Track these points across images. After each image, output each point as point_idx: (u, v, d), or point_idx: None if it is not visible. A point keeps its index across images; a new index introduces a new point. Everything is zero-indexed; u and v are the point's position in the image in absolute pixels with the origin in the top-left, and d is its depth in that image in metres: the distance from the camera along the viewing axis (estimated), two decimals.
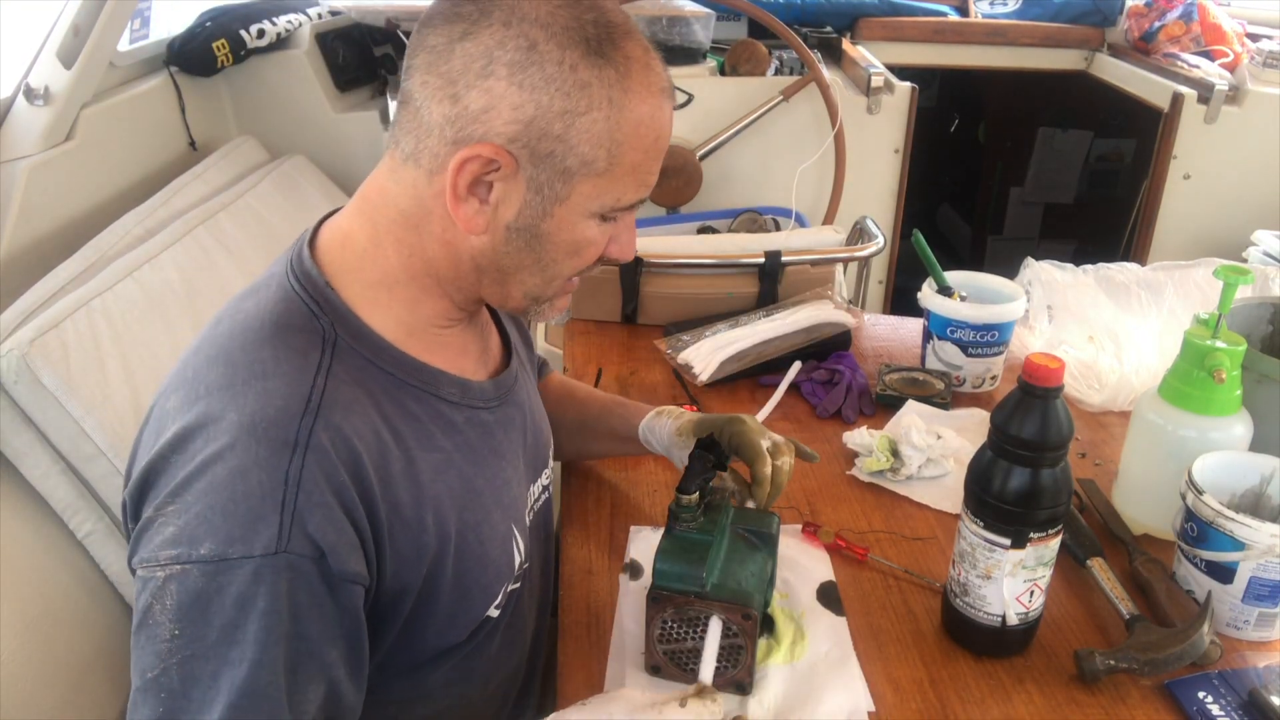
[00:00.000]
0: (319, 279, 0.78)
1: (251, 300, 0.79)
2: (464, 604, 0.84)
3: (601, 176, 0.75)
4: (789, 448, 1.01)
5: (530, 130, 0.72)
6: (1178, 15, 2.48)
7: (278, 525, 0.67)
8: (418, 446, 0.79)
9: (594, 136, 0.73)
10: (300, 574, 0.68)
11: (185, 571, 0.67)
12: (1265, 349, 1.17)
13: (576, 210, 0.77)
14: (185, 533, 0.67)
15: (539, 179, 0.74)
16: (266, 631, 0.67)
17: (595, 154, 0.73)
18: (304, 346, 0.74)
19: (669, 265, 1.60)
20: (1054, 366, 0.82)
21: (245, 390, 0.71)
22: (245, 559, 0.66)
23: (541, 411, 1.03)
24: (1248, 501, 1.00)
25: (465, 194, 0.74)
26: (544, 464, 1.01)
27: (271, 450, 0.68)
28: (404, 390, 0.79)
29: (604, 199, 0.77)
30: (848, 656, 0.91)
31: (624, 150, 0.74)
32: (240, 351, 0.73)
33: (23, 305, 1.27)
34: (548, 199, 0.75)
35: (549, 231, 0.77)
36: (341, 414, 0.72)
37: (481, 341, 0.91)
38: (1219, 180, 2.33)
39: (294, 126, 2.22)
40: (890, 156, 2.33)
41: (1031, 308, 1.48)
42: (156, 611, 0.67)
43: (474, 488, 0.84)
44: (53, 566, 1.18)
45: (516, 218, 0.76)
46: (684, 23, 2.22)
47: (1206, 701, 0.86)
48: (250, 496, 0.67)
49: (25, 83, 1.52)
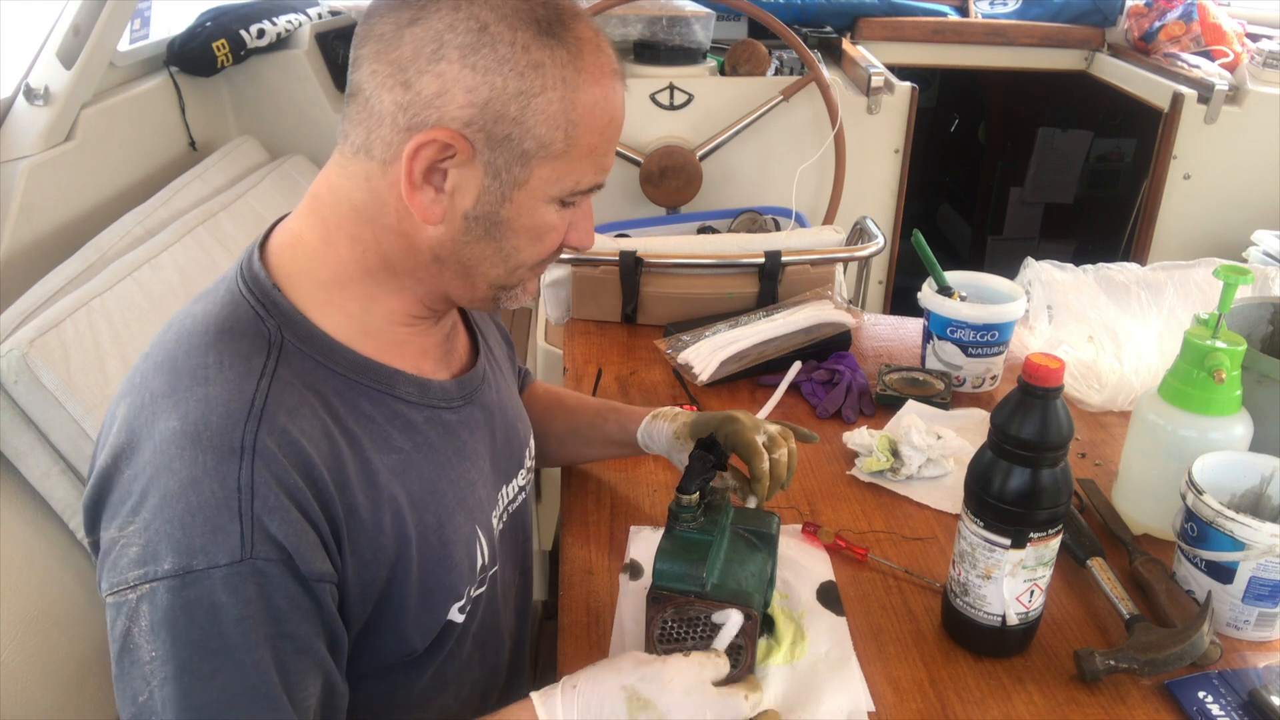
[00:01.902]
0: (266, 282, 0.77)
1: (200, 305, 0.77)
2: (427, 605, 0.82)
3: (559, 159, 0.74)
4: (786, 437, 1.00)
5: (486, 113, 0.71)
6: (1178, 15, 2.48)
7: (238, 533, 0.66)
8: (373, 448, 0.77)
9: (550, 117, 0.72)
10: (270, 578, 0.67)
11: (153, 589, 0.66)
12: (1265, 349, 1.17)
13: (536, 195, 0.75)
14: (148, 551, 0.66)
15: (496, 163, 0.73)
16: (244, 637, 0.66)
17: (552, 135, 0.73)
18: (247, 351, 0.73)
19: (669, 265, 1.60)
20: (1054, 366, 0.82)
21: (188, 397, 0.70)
22: (211, 569, 0.66)
23: (518, 412, 1.02)
24: (1248, 501, 1.00)
25: (421, 182, 0.73)
26: (518, 465, 0.99)
27: (218, 458, 0.67)
28: (356, 391, 0.78)
29: (563, 182, 0.76)
30: (848, 656, 0.91)
31: (580, 131, 0.74)
32: (185, 357, 0.72)
33: (23, 305, 1.27)
34: (506, 184, 0.74)
35: (509, 218, 0.76)
36: (287, 417, 0.70)
37: (445, 342, 0.90)
38: (1219, 180, 2.33)
39: (294, 126, 2.22)
40: (890, 156, 2.33)
41: (1031, 308, 1.48)
42: (135, 634, 0.66)
43: (436, 489, 0.82)
44: (53, 566, 1.18)
45: (475, 205, 0.75)
46: (684, 22, 2.22)
47: (1206, 701, 0.86)
48: (205, 507, 0.66)
49: (25, 83, 1.52)
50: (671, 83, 2.21)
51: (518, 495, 0.99)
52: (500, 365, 1.00)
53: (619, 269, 1.58)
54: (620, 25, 2.21)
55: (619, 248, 1.60)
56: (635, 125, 2.22)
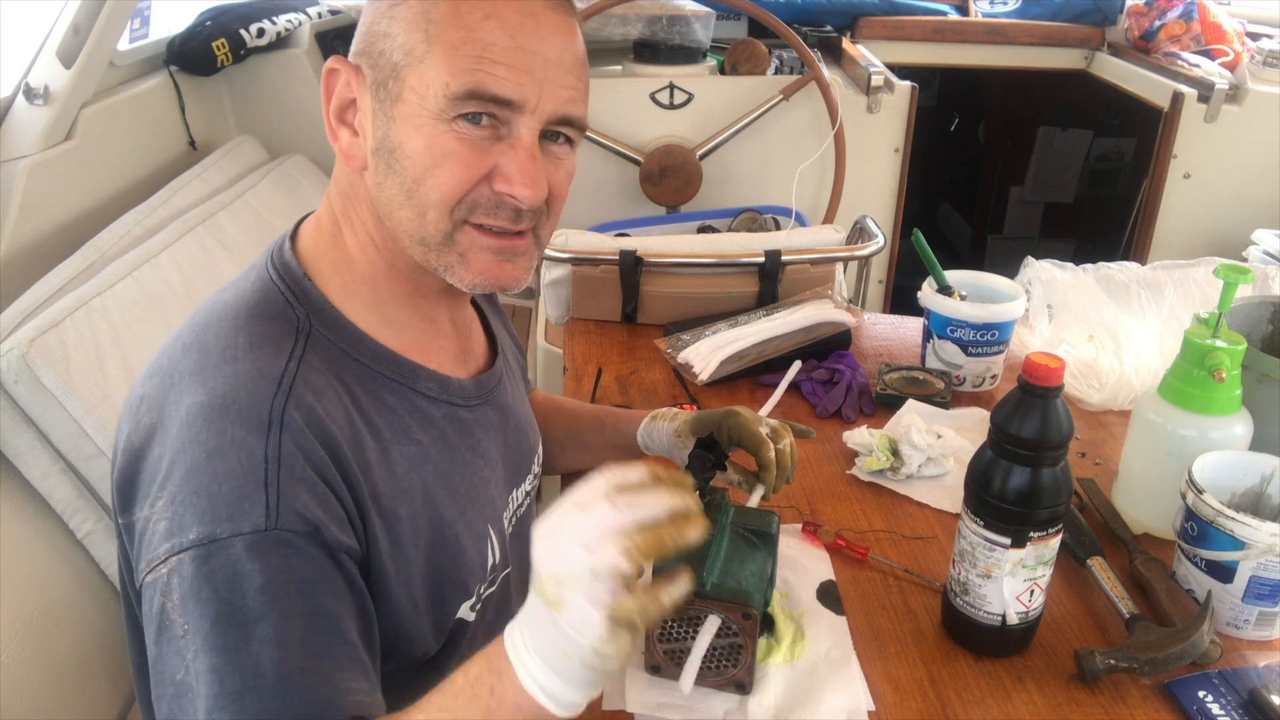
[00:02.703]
0: (297, 270, 0.78)
1: (231, 291, 0.79)
2: (438, 599, 0.82)
3: (423, 62, 0.72)
4: (786, 430, 1.01)
5: (367, 36, 0.75)
6: (1178, 14, 2.48)
7: (264, 503, 0.66)
8: (393, 439, 0.78)
9: (409, 21, 0.72)
10: (297, 549, 0.66)
11: (180, 561, 0.65)
12: (1265, 348, 1.17)
13: (414, 110, 0.72)
14: (174, 523, 0.66)
15: (377, 81, 0.74)
16: (269, 607, 0.64)
17: (412, 39, 0.72)
18: (277, 334, 0.74)
19: (669, 264, 1.60)
20: (1054, 366, 0.82)
21: (215, 374, 0.70)
22: (235, 536, 0.65)
23: (529, 419, 1.02)
24: (1248, 501, 1.00)
25: (338, 124, 0.77)
26: (528, 470, 0.99)
27: (246, 430, 0.67)
28: (379, 382, 0.79)
29: (433, 87, 0.71)
30: (848, 656, 0.91)
31: (442, 29, 0.71)
32: (214, 338, 0.73)
33: (22, 305, 1.27)
34: (385, 102, 0.74)
35: (398, 141, 0.73)
36: (314, 396, 0.71)
37: (462, 340, 0.90)
38: (1219, 179, 2.33)
39: (294, 126, 2.22)
40: (890, 156, 2.33)
41: (1031, 307, 1.48)
42: (169, 610, 0.65)
43: (450, 484, 0.83)
44: (53, 566, 1.18)
45: (373, 136, 0.75)
46: (684, 21, 2.22)
47: (1206, 701, 0.86)
48: (232, 476, 0.66)
49: (25, 82, 1.52)
50: (671, 82, 2.21)
51: (525, 500, 0.99)
52: (514, 370, 1.01)
53: (619, 268, 1.58)
54: (620, 24, 2.21)
55: (619, 247, 1.60)
56: (635, 124, 2.22)
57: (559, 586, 0.60)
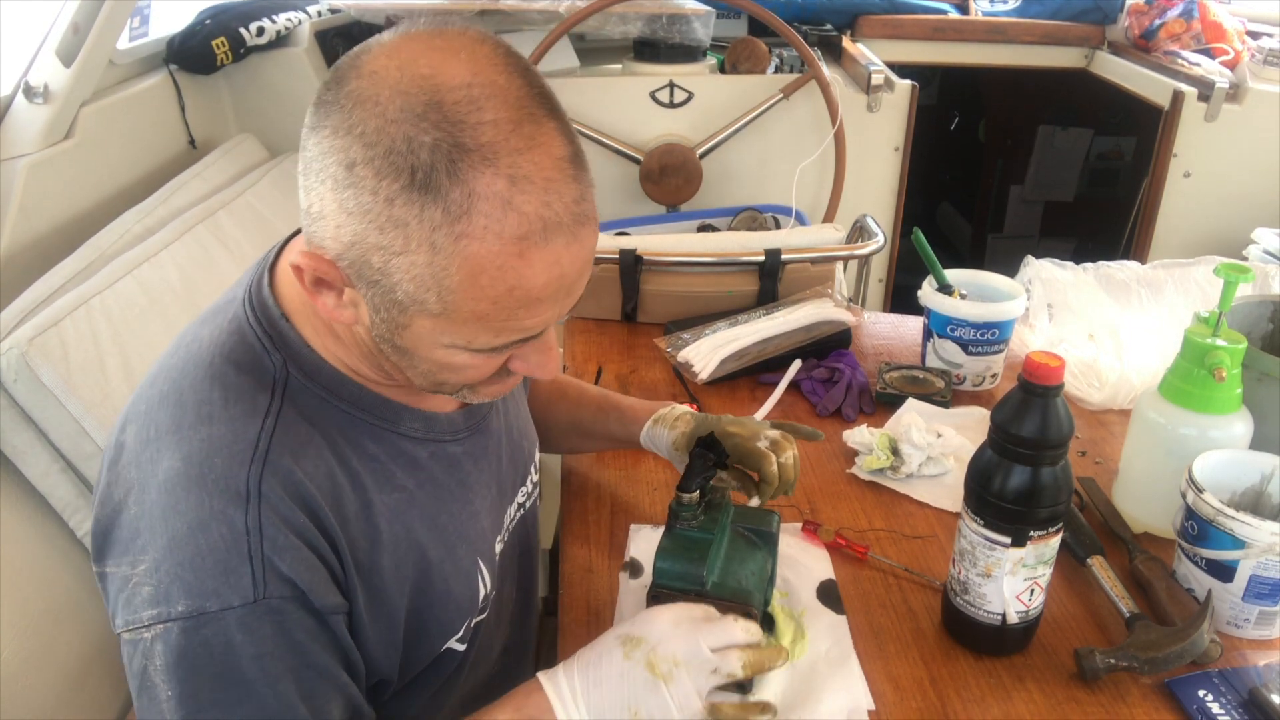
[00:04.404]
0: (274, 310, 0.74)
1: (208, 328, 0.76)
2: (420, 638, 0.82)
3: (439, 318, 0.66)
4: (789, 442, 1.00)
5: (352, 253, 0.64)
6: (1178, 13, 2.48)
7: (250, 574, 0.66)
8: (375, 488, 0.76)
9: (416, 279, 0.63)
10: (285, 615, 0.67)
11: (167, 629, 0.66)
12: (1266, 347, 1.17)
13: (425, 341, 0.68)
14: (160, 592, 0.66)
15: (375, 301, 0.66)
16: (263, 671, 0.67)
17: (423, 296, 0.64)
18: (252, 388, 0.71)
19: (669, 263, 1.60)
20: (1054, 365, 0.82)
21: (191, 436, 0.69)
22: (225, 610, 0.66)
23: (524, 428, 1.01)
24: (1248, 500, 1.00)
25: (315, 289, 0.68)
26: (523, 477, 0.99)
27: (224, 502, 0.67)
28: (360, 429, 0.76)
29: (453, 338, 0.67)
30: (848, 655, 0.91)
31: (459, 299, 0.64)
32: (190, 390, 0.71)
33: (22, 303, 1.26)
34: (389, 324, 0.68)
35: (410, 347, 0.70)
36: (291, 458, 0.69)
37: None
38: (1219, 178, 2.33)
39: (294, 124, 2.20)
40: (890, 154, 2.33)
41: (1032, 306, 1.48)
42: (151, 673, 0.67)
43: (438, 524, 0.82)
44: (53, 566, 1.18)
45: (373, 327, 0.70)
46: (684, 20, 2.22)
47: (1207, 700, 0.86)
48: (215, 550, 0.66)
49: (25, 81, 1.52)
50: (671, 80, 2.21)
51: (518, 511, 0.99)
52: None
53: (619, 267, 1.58)
54: (620, 23, 2.21)
55: (619, 245, 1.60)
56: (635, 123, 2.22)
57: (676, 667, 0.74)
